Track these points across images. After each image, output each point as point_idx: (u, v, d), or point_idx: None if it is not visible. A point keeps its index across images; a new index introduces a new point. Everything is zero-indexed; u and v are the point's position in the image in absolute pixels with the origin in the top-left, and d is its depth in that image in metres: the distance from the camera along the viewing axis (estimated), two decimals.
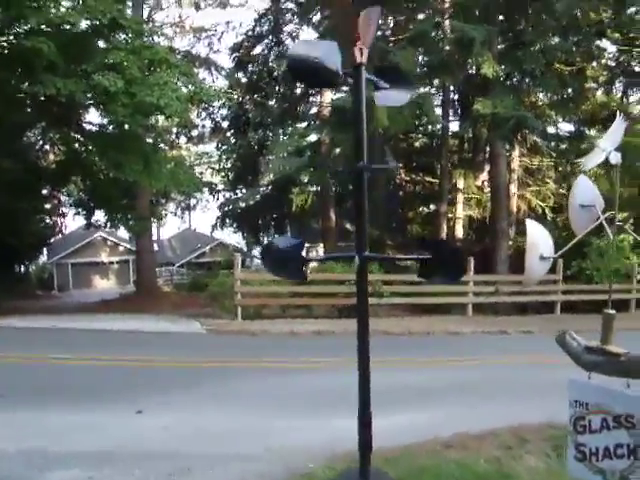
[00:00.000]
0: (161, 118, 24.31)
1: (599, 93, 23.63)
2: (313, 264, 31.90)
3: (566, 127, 24.96)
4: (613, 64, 23.46)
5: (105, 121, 18.20)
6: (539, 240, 3.50)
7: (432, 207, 31.31)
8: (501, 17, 19.16)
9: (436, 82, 22.71)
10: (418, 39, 16.66)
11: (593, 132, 24.28)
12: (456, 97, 25.46)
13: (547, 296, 18.01)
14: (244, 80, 32.26)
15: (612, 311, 3.60)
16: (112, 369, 9.25)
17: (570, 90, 21.08)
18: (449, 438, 5.82)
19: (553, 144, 25.08)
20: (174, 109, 14.46)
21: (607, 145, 3.58)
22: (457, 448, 5.62)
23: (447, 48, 18.50)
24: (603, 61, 22.82)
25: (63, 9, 14.74)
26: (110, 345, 11.66)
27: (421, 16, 21.44)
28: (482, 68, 16.07)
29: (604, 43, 22.17)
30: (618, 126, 3.70)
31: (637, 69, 23.44)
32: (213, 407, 7.17)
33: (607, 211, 3.75)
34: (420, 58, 17.73)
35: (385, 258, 15.61)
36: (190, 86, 15.89)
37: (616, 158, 3.55)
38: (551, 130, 23.71)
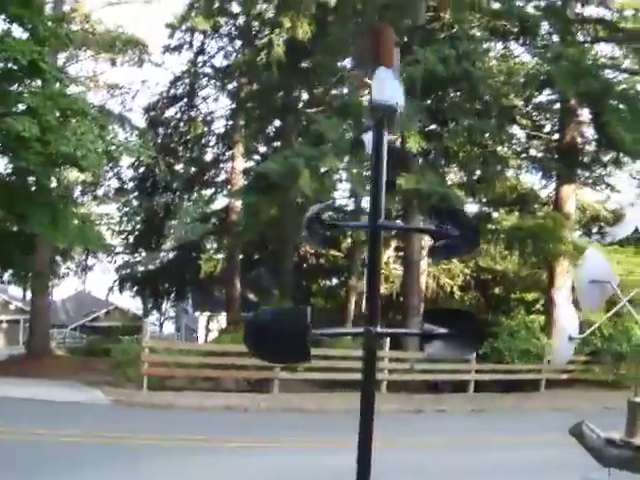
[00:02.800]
0: (67, 173, 23.24)
1: (509, 175, 24.32)
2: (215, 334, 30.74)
3: (471, 208, 25.50)
4: (520, 149, 24.34)
5: (10, 169, 16.93)
6: (569, 323, 3.36)
7: (335, 281, 31.54)
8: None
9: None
10: (343, 110, 16.56)
11: (500, 214, 24.89)
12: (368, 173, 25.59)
13: (460, 375, 17.85)
14: (154, 142, 31.58)
15: (638, 399, 3.23)
16: (3, 443, 8.18)
17: (480, 172, 21.62)
18: None
19: None
20: (91, 162, 13.64)
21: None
22: None
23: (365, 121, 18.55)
24: (513, 146, 23.63)
25: None
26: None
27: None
28: (407, 142, 16.12)
29: (514, 129, 23.05)
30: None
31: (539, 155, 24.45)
32: None
33: None
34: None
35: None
36: (108, 140, 15.10)
37: None
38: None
